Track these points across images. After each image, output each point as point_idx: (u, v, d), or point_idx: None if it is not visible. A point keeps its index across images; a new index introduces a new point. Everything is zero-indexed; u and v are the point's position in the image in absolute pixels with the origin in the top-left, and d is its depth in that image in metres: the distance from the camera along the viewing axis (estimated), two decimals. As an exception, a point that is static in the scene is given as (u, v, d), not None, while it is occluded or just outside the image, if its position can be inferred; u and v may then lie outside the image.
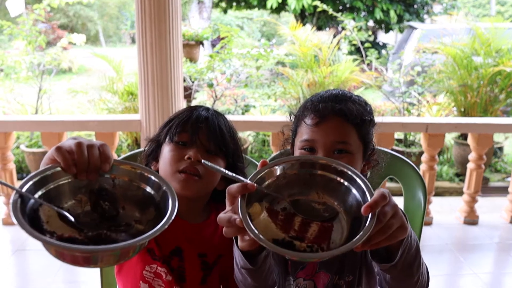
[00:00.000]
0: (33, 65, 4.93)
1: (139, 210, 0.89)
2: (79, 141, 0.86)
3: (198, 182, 1.14)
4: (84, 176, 0.86)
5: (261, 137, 5.15)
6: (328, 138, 1.07)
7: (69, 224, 0.81)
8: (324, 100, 1.12)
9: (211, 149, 1.18)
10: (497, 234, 3.34)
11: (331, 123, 1.09)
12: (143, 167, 0.91)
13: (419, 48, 5.45)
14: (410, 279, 0.91)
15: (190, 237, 1.19)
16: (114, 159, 0.89)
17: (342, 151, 1.07)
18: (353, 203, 0.86)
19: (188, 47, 6.06)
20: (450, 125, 3.24)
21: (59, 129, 3.07)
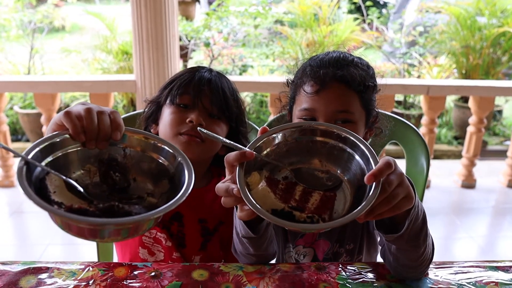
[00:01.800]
0: (23, 23, 4.78)
1: (152, 182, 0.85)
2: (89, 107, 0.80)
3: (200, 145, 1.11)
4: (93, 145, 0.81)
5: (259, 98, 5.08)
6: (329, 107, 1.02)
7: (78, 195, 0.77)
8: (325, 65, 1.05)
9: (214, 112, 1.14)
10: (494, 198, 3.36)
11: (332, 90, 1.02)
12: (156, 137, 0.86)
13: (421, 7, 5.30)
14: (416, 249, 0.88)
15: (191, 202, 1.15)
16: (126, 127, 0.84)
17: (344, 120, 1.02)
18: (357, 171, 0.83)
19: (183, 5, 5.89)
20: (451, 87, 3.18)
21: (52, 90, 2.99)
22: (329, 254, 1.14)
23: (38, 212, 3.08)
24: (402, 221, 0.84)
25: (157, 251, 1.14)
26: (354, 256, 1.15)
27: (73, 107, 0.81)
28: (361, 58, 1.11)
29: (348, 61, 1.07)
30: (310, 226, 0.78)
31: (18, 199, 3.16)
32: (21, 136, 4.74)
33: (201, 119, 1.11)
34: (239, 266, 0.96)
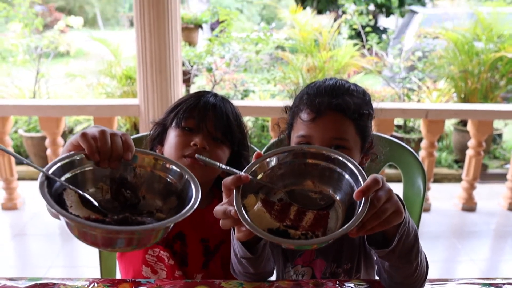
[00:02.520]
0: (30, 49, 4.88)
1: (161, 199, 0.91)
2: (103, 129, 0.88)
3: (203, 168, 1.14)
4: (106, 164, 0.87)
5: (260, 122, 5.13)
6: (325, 134, 1.05)
7: (93, 210, 0.83)
8: (321, 94, 1.08)
9: (218, 136, 1.18)
10: (495, 221, 3.36)
11: (327, 118, 1.05)
12: (165, 158, 0.94)
13: (420, 33, 5.40)
14: (408, 266, 0.91)
15: (193, 222, 1.19)
16: (136, 148, 0.91)
17: (339, 146, 1.05)
18: (347, 189, 0.87)
19: (187, 31, 6.01)
20: (450, 111, 3.23)
21: (57, 113, 3.05)
22: (327, 274, 1.16)
23: (40, 235, 3.10)
24: (393, 236, 0.87)
25: (159, 270, 1.16)
26: (352, 276, 1.17)
27: (89, 129, 0.88)
28: (357, 85, 1.14)
29: (344, 89, 1.09)
30: (304, 241, 0.81)
31: (21, 221, 3.18)
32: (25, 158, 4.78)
33: (205, 143, 1.14)
34: (239, 283, 0.98)
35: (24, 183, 3.70)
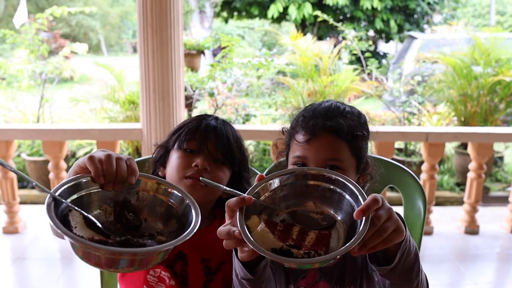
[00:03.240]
0: (35, 74, 4.95)
1: (162, 222, 0.94)
2: (109, 153, 0.91)
3: (204, 188, 1.16)
4: (111, 187, 0.90)
5: (261, 146, 5.16)
6: (319, 155, 1.07)
7: (96, 231, 0.85)
8: (316, 116, 1.11)
9: (218, 158, 1.21)
10: (498, 244, 3.34)
11: (322, 140, 1.08)
12: (167, 182, 0.97)
13: (419, 58, 5.48)
14: (409, 284, 0.92)
15: (194, 242, 1.18)
16: (140, 173, 0.94)
17: (334, 167, 1.07)
18: (348, 209, 0.89)
19: (189, 57, 6.09)
20: (450, 134, 3.25)
21: (61, 137, 3.08)
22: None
23: (41, 259, 3.09)
24: (394, 255, 0.88)
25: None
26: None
27: (96, 153, 0.92)
28: (353, 107, 1.17)
29: (338, 112, 1.12)
30: (306, 260, 0.82)
31: (21, 245, 3.17)
32: (26, 183, 4.80)
33: (206, 164, 1.17)
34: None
35: (26, 207, 3.70)
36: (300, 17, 10.82)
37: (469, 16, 18.58)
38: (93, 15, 16.96)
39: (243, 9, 11.88)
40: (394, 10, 11.22)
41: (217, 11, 12.91)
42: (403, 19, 11.31)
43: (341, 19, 11.41)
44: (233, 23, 16.92)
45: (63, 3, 14.83)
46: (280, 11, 10.96)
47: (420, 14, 11.59)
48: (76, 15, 14.31)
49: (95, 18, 17.83)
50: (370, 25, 11.33)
